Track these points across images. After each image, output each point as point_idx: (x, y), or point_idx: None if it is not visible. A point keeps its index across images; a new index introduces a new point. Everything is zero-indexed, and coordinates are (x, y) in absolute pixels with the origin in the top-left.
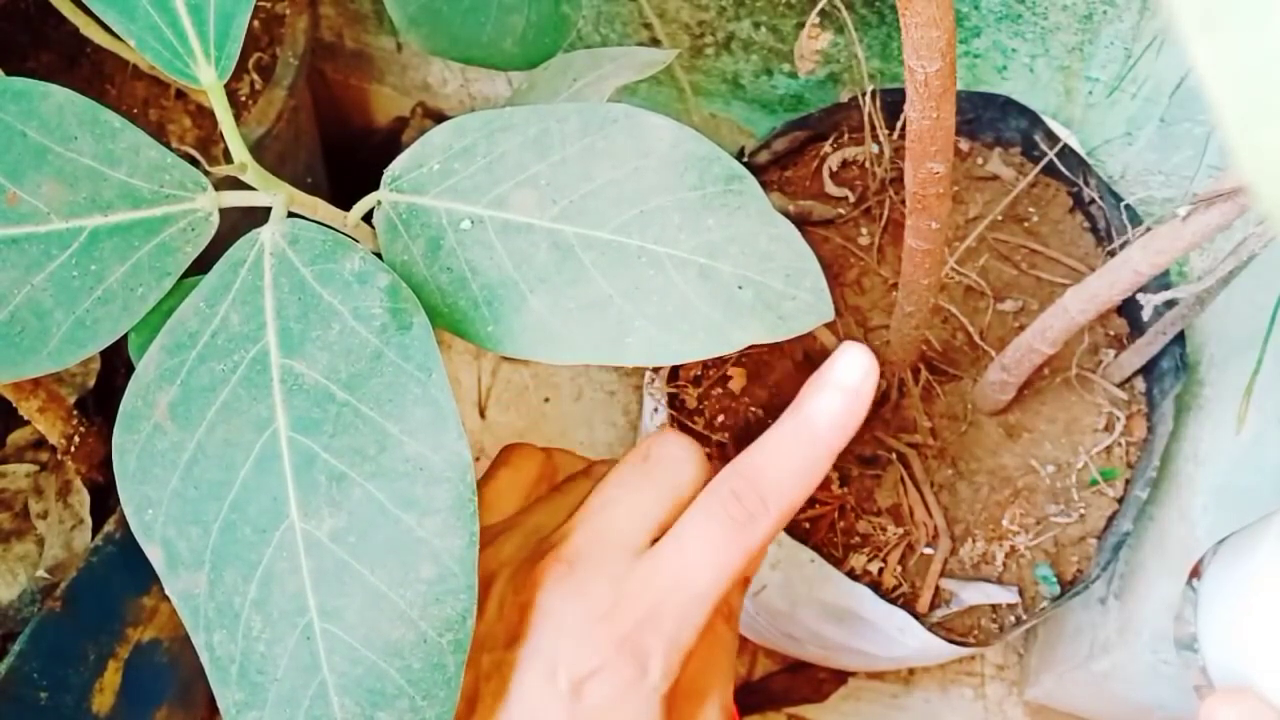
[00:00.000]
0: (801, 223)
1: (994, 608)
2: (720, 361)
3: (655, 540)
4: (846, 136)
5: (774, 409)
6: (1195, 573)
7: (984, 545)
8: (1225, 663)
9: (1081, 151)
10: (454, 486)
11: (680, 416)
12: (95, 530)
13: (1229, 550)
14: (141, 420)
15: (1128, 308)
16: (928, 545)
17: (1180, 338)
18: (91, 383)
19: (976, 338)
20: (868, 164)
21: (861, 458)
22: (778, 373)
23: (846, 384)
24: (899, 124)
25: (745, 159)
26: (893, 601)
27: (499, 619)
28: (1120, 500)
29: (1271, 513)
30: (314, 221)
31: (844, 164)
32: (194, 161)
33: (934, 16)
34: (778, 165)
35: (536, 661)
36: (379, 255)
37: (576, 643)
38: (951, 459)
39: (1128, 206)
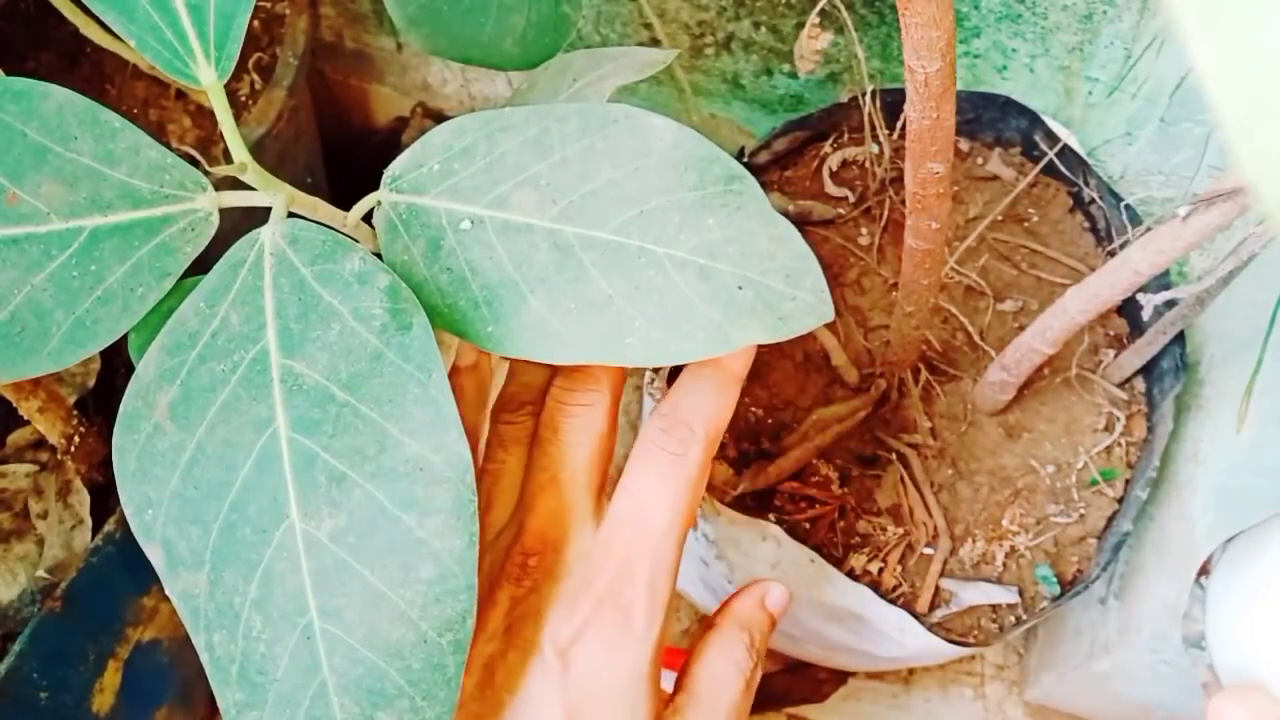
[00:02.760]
0: (801, 223)
1: (994, 608)
2: None
3: (602, 481)
4: (846, 136)
5: (774, 409)
6: (1204, 570)
7: (984, 545)
8: (1233, 660)
9: (1081, 151)
10: (454, 487)
11: None
12: (95, 530)
13: (1238, 548)
14: (141, 420)
15: (1128, 308)
16: (928, 545)
17: (1180, 338)
18: (91, 383)
19: (976, 338)
20: (868, 164)
21: (861, 458)
22: (778, 373)
23: None
24: (899, 124)
25: (745, 159)
26: (893, 601)
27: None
28: (1120, 500)
29: (1277, 513)
30: (314, 221)
31: (844, 164)
32: (194, 161)
33: (934, 16)
34: (778, 165)
35: (525, 651)
36: (379, 255)
37: (558, 616)
38: (951, 459)
39: (1128, 206)
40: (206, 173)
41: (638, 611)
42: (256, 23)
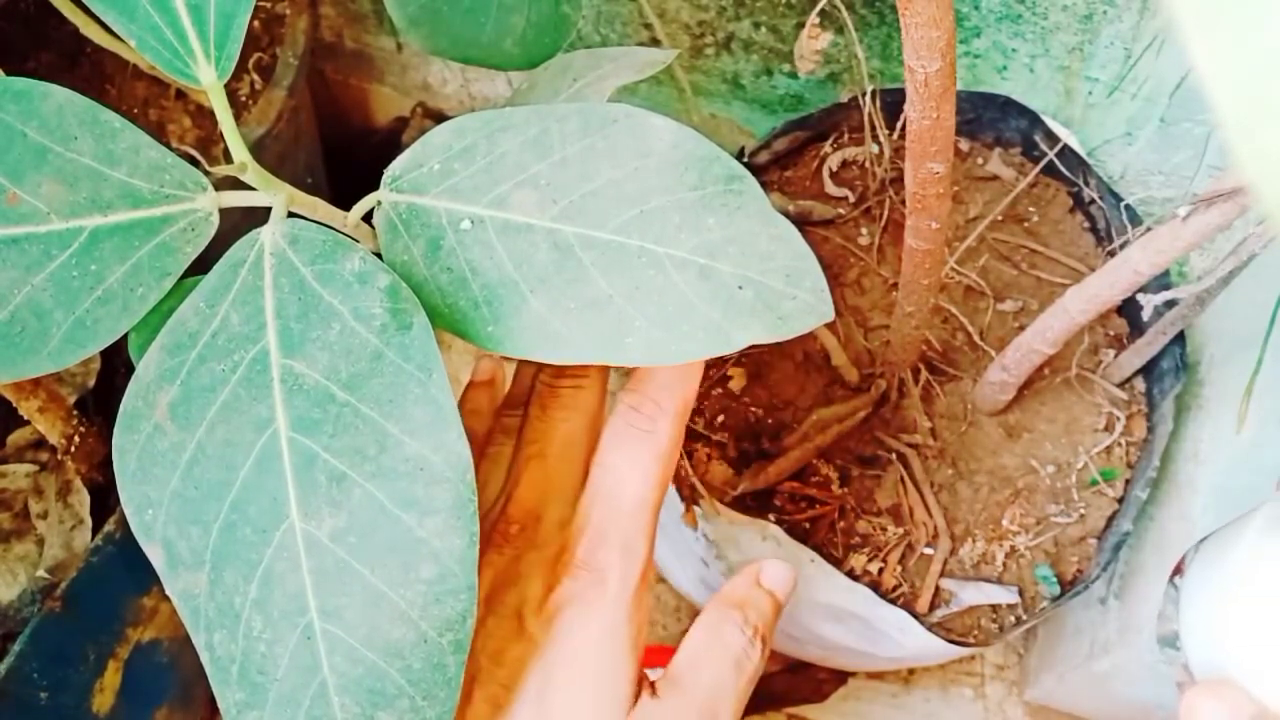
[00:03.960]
0: (801, 223)
1: (994, 608)
2: (720, 361)
3: (588, 457)
4: (846, 136)
5: (774, 409)
6: (1178, 570)
7: (984, 545)
8: (1207, 658)
9: (1081, 151)
10: (454, 486)
11: None
12: (95, 530)
13: (1209, 548)
14: (141, 420)
15: (1128, 308)
16: (928, 545)
17: (1180, 338)
18: (91, 383)
19: (976, 338)
20: (868, 164)
21: (861, 458)
22: (778, 373)
23: None
24: (899, 124)
25: (745, 159)
26: (893, 601)
27: None
28: (1120, 500)
29: (1249, 511)
30: (314, 221)
31: (844, 164)
32: (194, 161)
33: (934, 16)
34: (778, 165)
35: (503, 616)
36: (379, 255)
37: (536, 581)
38: (951, 459)
39: (1128, 206)
40: (206, 173)
41: (612, 575)
42: (256, 23)
